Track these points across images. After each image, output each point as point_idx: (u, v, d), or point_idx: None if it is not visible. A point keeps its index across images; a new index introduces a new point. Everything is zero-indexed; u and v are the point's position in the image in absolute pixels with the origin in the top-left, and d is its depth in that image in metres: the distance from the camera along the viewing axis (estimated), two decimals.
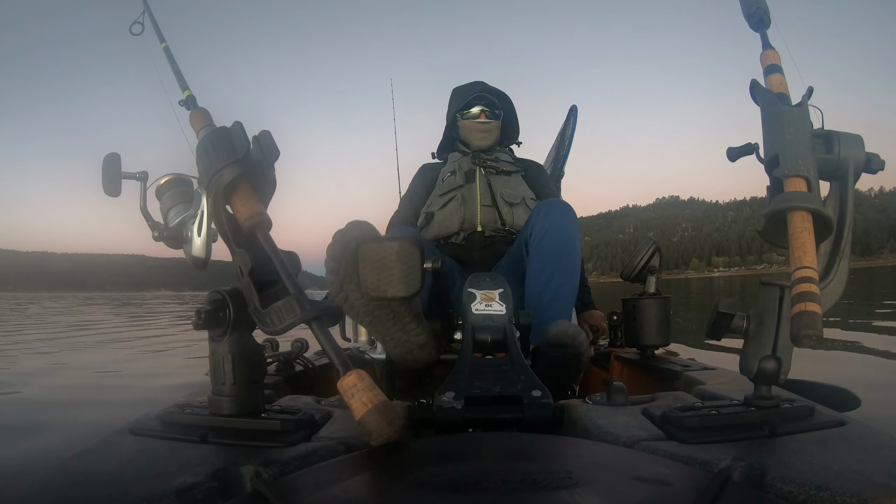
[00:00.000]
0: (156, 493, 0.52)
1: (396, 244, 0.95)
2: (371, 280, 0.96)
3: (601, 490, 0.48)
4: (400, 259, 0.94)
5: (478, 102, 1.92)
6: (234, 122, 0.77)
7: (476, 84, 1.97)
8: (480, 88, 1.94)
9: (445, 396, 0.78)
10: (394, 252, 0.94)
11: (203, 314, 0.71)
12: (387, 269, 0.95)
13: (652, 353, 1.49)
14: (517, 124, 2.04)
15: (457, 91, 2.01)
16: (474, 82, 1.99)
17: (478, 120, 1.91)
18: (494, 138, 1.94)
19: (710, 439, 0.64)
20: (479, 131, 1.92)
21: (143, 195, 0.90)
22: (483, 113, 1.91)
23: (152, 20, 1.16)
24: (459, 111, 1.95)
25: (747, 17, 0.87)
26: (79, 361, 3.50)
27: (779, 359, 0.69)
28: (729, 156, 0.82)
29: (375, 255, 0.96)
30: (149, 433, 0.71)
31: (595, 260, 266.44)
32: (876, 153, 0.76)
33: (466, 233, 1.78)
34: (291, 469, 0.59)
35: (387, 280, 0.95)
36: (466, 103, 1.93)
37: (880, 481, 0.51)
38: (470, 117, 1.92)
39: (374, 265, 0.96)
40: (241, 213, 0.74)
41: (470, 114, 1.92)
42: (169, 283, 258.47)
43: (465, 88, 1.98)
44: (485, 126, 1.91)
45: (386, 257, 0.95)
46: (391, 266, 0.95)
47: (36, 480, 0.57)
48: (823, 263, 0.76)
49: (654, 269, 1.48)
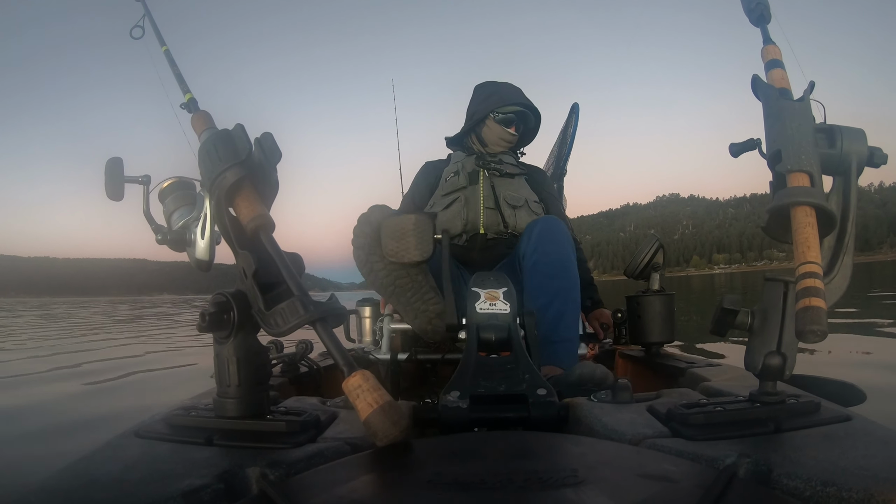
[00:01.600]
0: (162, 496, 0.52)
1: (413, 216, 1.18)
2: (392, 247, 1.19)
3: (607, 488, 0.48)
4: (416, 228, 1.17)
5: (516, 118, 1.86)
6: (236, 125, 0.77)
7: (516, 91, 1.90)
8: (524, 103, 1.86)
9: (450, 396, 0.78)
10: (411, 222, 1.18)
11: (207, 316, 0.71)
12: (405, 238, 1.18)
13: (657, 350, 1.48)
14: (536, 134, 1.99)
15: (493, 88, 1.92)
16: (515, 88, 1.90)
17: (509, 129, 1.85)
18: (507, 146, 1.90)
19: (716, 436, 0.64)
20: (506, 140, 1.87)
21: (145, 199, 0.90)
22: (515, 126, 1.86)
23: (153, 24, 1.17)
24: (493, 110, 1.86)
25: (748, 13, 0.87)
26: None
27: (784, 354, 0.69)
28: (731, 151, 0.81)
29: (395, 227, 1.19)
30: (154, 436, 0.71)
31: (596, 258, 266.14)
32: (878, 147, 0.75)
33: (469, 234, 1.77)
34: (297, 470, 0.59)
35: (405, 247, 1.18)
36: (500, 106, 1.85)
37: (886, 476, 0.51)
38: (503, 122, 1.85)
39: (394, 235, 1.19)
40: (244, 215, 0.74)
41: (504, 119, 1.85)
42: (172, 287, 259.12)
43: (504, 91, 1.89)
44: (511, 138, 1.86)
45: (404, 228, 1.18)
46: (408, 234, 1.17)
47: (42, 483, 0.57)
48: (827, 258, 0.75)
49: (658, 266, 1.48)
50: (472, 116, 1.91)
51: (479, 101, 1.92)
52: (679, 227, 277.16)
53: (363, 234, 1.23)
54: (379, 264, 1.23)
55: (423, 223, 1.18)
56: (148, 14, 1.17)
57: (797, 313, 0.62)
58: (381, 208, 1.25)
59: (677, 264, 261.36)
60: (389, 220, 1.20)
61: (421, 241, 1.17)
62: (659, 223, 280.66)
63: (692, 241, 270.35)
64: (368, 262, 1.24)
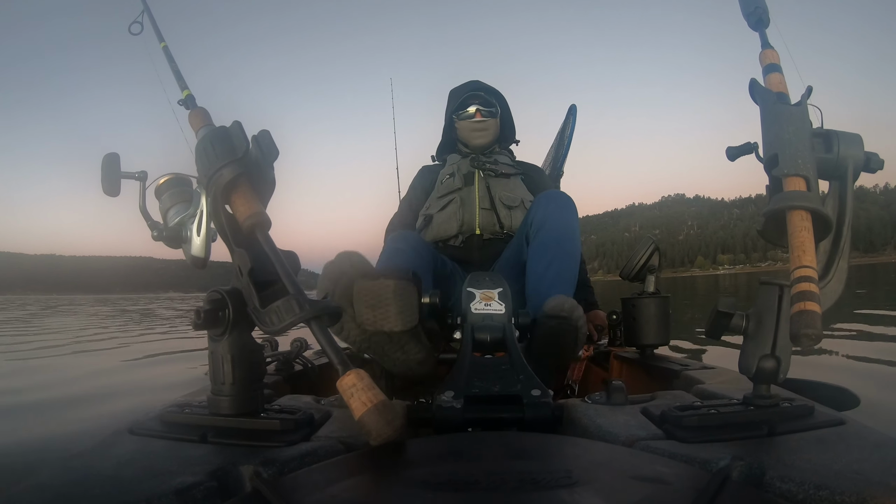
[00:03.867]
0: (155, 493, 0.52)
1: (392, 282, 0.95)
2: (367, 316, 0.97)
3: (600, 489, 0.48)
4: (396, 296, 0.95)
5: (472, 101, 1.93)
6: (234, 122, 0.77)
7: (470, 83, 1.98)
8: (474, 87, 1.95)
9: (445, 396, 0.78)
10: (389, 290, 0.95)
11: (202, 314, 0.70)
12: (383, 306, 0.95)
13: (651, 353, 1.49)
14: (512, 122, 2.05)
15: (453, 92, 2.01)
16: (468, 82, 1.99)
17: (474, 119, 1.92)
18: (493, 135, 1.95)
19: (710, 438, 0.64)
20: (476, 130, 1.92)
21: (142, 195, 0.90)
22: (479, 112, 1.92)
23: (151, 20, 1.16)
24: (455, 112, 1.96)
25: (746, 17, 0.87)
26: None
27: (778, 358, 0.69)
28: (728, 155, 0.82)
29: (370, 293, 0.96)
30: (148, 433, 0.71)
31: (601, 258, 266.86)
32: (875, 152, 0.76)
33: (465, 236, 1.78)
34: (291, 468, 0.59)
35: (383, 316, 0.96)
36: (461, 103, 1.94)
37: (879, 480, 0.51)
38: (466, 117, 1.93)
39: (369, 302, 0.96)
40: (240, 212, 0.74)
41: (466, 113, 1.93)
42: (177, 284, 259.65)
43: (459, 89, 1.99)
44: (481, 125, 1.92)
45: (381, 295, 0.95)
46: (387, 303, 0.95)
47: (35, 480, 0.57)
48: (823, 262, 0.76)
49: (654, 268, 1.48)
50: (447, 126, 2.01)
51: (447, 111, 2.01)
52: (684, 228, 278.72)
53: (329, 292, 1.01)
54: (350, 324, 1.03)
55: (404, 290, 0.95)
56: (147, 10, 1.17)
57: (792, 317, 0.62)
58: (352, 258, 1.03)
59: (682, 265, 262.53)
60: (363, 285, 0.97)
61: (402, 310, 0.95)
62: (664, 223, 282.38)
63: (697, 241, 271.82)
64: (339, 323, 1.03)
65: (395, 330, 0.97)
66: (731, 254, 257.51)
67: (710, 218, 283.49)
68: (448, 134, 2.04)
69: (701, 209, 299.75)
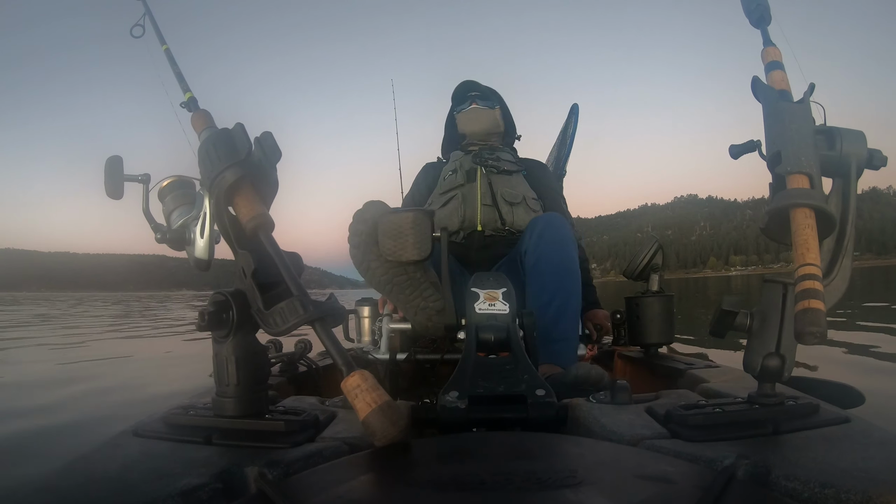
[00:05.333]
0: (160, 495, 0.52)
1: (411, 213, 1.12)
2: (389, 246, 1.13)
3: (605, 489, 0.48)
4: (414, 226, 1.12)
5: (470, 95, 2.02)
6: (236, 124, 0.77)
7: (467, 82, 2.06)
8: (471, 85, 2.04)
9: (449, 396, 0.78)
10: (409, 220, 1.12)
11: (206, 315, 0.71)
12: (402, 236, 1.12)
13: (655, 352, 1.48)
14: (512, 120, 2.10)
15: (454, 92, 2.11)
16: (466, 81, 2.07)
17: (470, 108, 2.00)
18: (492, 124, 2.00)
19: (715, 437, 0.64)
20: (479, 119, 1.99)
21: (145, 197, 0.90)
22: (475, 102, 2.01)
23: (153, 22, 1.16)
24: (455, 108, 2.06)
25: (748, 14, 0.87)
26: None
27: (783, 356, 0.69)
28: (731, 153, 0.81)
29: (393, 224, 1.13)
30: (153, 435, 0.71)
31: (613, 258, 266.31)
32: (878, 149, 0.75)
33: (466, 232, 1.78)
34: (296, 470, 0.59)
35: (402, 246, 1.13)
36: (459, 98, 2.04)
37: (885, 478, 0.51)
38: (464, 108, 2.02)
39: (391, 233, 1.13)
40: (243, 214, 0.74)
41: (464, 106, 2.02)
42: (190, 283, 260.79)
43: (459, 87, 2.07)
44: (476, 112, 2.00)
45: (402, 225, 1.12)
46: (406, 233, 1.12)
47: (40, 482, 0.57)
48: (826, 260, 0.75)
49: (657, 268, 1.48)
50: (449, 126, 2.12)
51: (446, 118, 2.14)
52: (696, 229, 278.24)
53: (359, 232, 1.18)
54: (375, 262, 1.19)
55: (421, 220, 1.12)
56: (148, 13, 1.17)
57: (796, 315, 0.62)
58: (377, 204, 1.21)
59: (694, 265, 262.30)
60: (386, 218, 1.14)
61: (419, 239, 1.12)
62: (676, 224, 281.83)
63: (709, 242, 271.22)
64: (365, 261, 1.20)
65: (412, 259, 1.12)
66: (744, 255, 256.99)
67: (723, 219, 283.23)
68: (451, 132, 2.10)
69: (713, 210, 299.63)
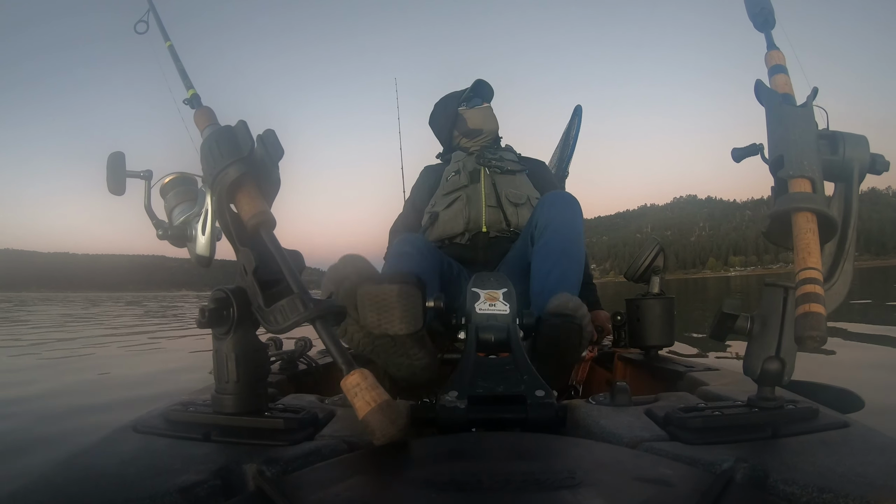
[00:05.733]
0: (159, 491, 0.52)
1: (396, 287, 0.95)
2: (372, 319, 0.96)
3: (604, 490, 0.48)
4: (400, 300, 0.95)
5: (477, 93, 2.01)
6: (239, 121, 0.77)
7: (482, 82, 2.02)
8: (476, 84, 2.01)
9: (449, 396, 0.78)
10: (394, 294, 0.95)
11: (207, 312, 0.71)
12: (388, 310, 0.95)
13: (655, 354, 1.48)
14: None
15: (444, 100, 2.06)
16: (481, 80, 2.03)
17: (482, 106, 1.99)
18: (496, 123, 2.01)
19: (714, 440, 0.64)
20: (489, 116, 1.99)
21: (147, 194, 0.90)
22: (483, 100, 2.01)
23: (157, 19, 1.17)
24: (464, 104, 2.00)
25: (752, 18, 0.87)
26: None
27: (782, 360, 0.69)
28: (734, 157, 0.81)
29: (375, 297, 0.96)
30: (152, 431, 0.71)
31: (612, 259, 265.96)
32: (881, 154, 0.75)
33: (471, 233, 1.78)
34: (294, 467, 0.59)
35: (388, 319, 0.95)
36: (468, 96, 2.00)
37: (883, 483, 0.51)
38: (475, 104, 2.00)
39: (374, 306, 0.96)
40: (245, 211, 0.74)
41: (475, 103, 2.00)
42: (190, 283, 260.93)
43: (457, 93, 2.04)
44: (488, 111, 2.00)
45: (386, 298, 0.95)
46: (392, 307, 0.95)
47: (39, 477, 0.57)
48: (828, 265, 0.75)
49: (658, 270, 1.47)
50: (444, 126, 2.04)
51: (442, 114, 2.05)
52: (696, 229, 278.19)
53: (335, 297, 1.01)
54: (354, 327, 1.04)
55: (409, 294, 0.95)
56: (152, 9, 1.17)
57: (797, 319, 0.62)
58: (356, 261, 1.05)
59: (693, 266, 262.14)
60: (367, 290, 0.96)
61: (407, 313, 0.95)
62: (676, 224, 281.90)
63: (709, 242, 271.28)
64: (342, 326, 1.04)
65: (399, 333, 0.96)
66: (743, 255, 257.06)
67: (722, 219, 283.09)
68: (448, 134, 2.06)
69: (713, 210, 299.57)
